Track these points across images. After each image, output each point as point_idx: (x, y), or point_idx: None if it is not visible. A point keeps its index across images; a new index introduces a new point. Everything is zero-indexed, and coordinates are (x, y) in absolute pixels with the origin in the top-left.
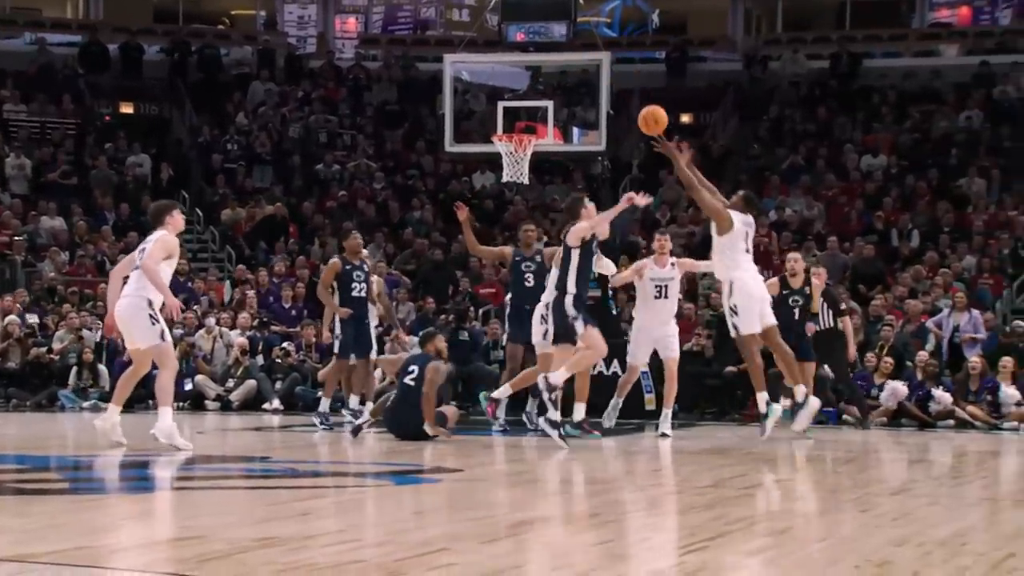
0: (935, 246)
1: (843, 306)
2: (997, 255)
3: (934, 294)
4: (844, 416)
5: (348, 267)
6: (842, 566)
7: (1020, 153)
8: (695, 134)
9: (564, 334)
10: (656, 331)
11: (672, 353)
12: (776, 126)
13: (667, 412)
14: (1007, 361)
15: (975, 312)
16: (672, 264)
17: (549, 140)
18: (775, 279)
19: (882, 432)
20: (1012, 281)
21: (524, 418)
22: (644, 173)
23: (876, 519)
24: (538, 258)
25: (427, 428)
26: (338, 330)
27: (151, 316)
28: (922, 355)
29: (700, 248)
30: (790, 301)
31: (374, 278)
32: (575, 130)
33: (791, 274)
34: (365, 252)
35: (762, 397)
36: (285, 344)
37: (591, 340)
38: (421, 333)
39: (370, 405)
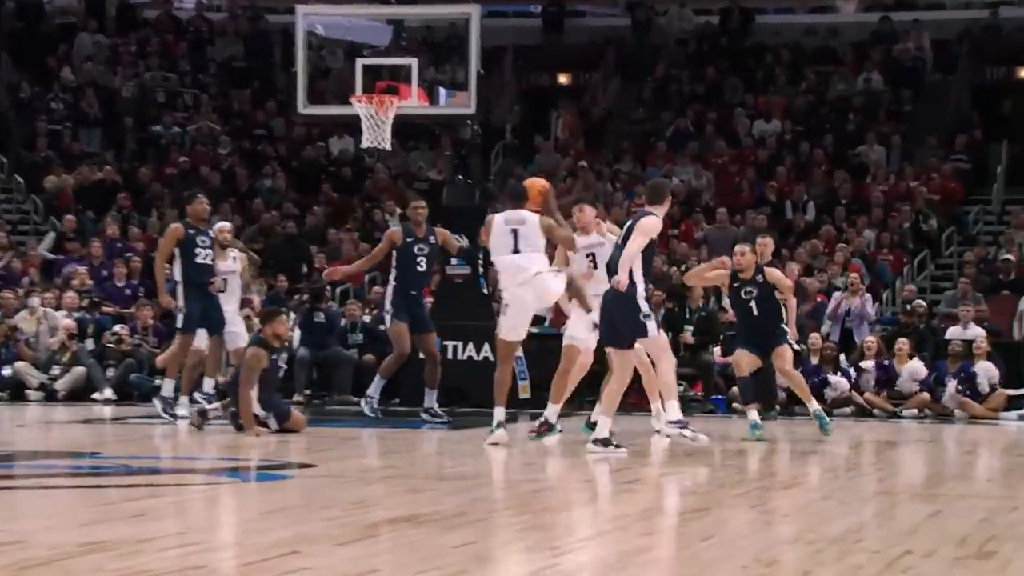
0: (832, 219)
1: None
2: (898, 229)
3: (831, 271)
4: (735, 404)
5: (192, 232)
6: (728, 565)
7: (922, 118)
8: (574, 96)
9: (631, 333)
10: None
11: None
12: (662, 88)
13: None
14: (903, 343)
15: (867, 296)
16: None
17: (413, 102)
18: (723, 271)
19: (775, 423)
20: (913, 257)
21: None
22: (518, 139)
23: (765, 515)
24: (432, 240)
25: (244, 426)
26: (182, 301)
27: None
28: (816, 338)
29: None
30: (742, 294)
31: (237, 254)
32: (442, 91)
33: (740, 268)
34: (229, 228)
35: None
36: (118, 327)
37: (663, 343)
38: (260, 311)
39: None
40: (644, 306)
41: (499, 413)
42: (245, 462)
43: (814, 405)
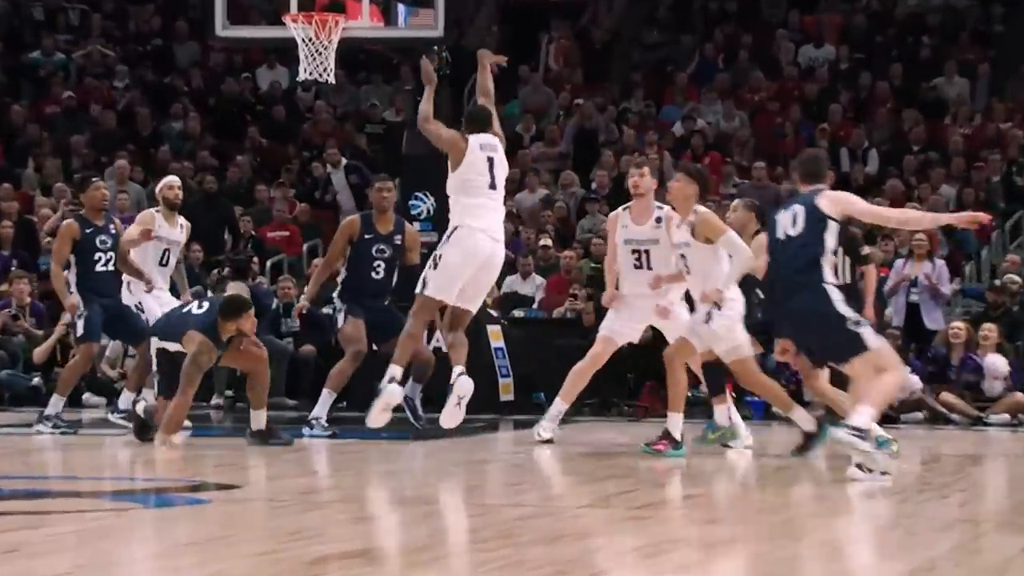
0: (900, 172)
1: (864, 251)
2: (984, 184)
3: (898, 238)
4: (774, 409)
5: (89, 230)
6: None
7: (1016, 41)
8: (569, 14)
9: (848, 347)
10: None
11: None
12: (682, 3)
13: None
14: (990, 329)
15: (940, 263)
16: (658, 220)
17: (364, 22)
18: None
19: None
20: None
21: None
22: (499, 68)
23: (813, 550)
24: (398, 240)
25: (162, 433)
26: (82, 305)
27: None
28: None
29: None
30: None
31: (184, 222)
32: (400, 8)
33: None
34: (178, 184)
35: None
36: None
37: (888, 353)
38: (224, 299)
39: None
40: (849, 311)
41: (395, 370)
42: (149, 482)
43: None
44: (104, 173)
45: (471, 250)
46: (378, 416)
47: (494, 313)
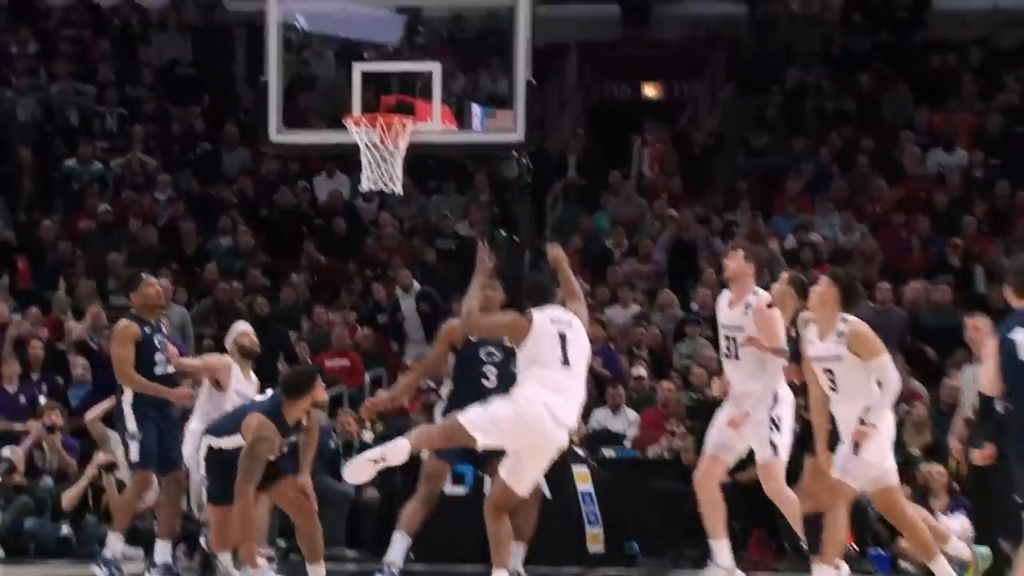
0: None
1: None
2: None
3: None
4: (903, 562)
5: (147, 330)
6: None
7: None
8: (665, 115)
9: None
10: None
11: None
12: (794, 102)
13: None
14: None
15: None
16: (747, 306)
17: (435, 125)
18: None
19: None
20: None
21: None
22: (585, 177)
23: None
24: (508, 343)
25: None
26: (133, 426)
27: None
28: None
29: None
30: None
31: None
32: (476, 110)
33: None
34: (251, 332)
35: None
36: (6, 451)
37: None
38: (285, 375)
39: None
40: None
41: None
42: None
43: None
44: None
45: (527, 418)
46: (361, 466)
47: (581, 452)
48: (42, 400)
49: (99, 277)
